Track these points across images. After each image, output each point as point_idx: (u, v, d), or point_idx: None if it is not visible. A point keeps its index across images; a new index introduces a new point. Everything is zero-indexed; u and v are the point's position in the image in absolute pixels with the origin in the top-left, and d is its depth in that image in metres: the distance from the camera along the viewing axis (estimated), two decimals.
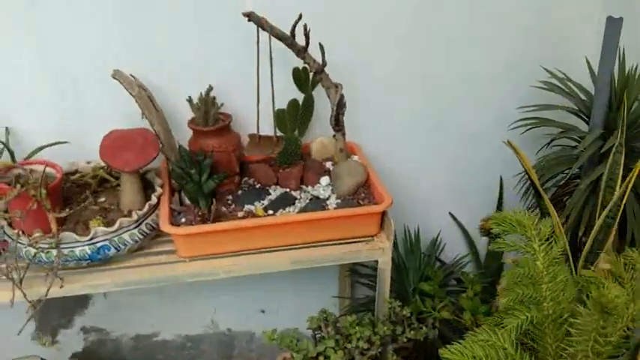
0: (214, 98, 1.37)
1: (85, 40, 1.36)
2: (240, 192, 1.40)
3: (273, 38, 1.24)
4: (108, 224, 1.24)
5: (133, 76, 1.34)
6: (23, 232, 1.16)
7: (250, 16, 1.17)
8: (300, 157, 1.44)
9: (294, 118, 1.43)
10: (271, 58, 1.25)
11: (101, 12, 1.34)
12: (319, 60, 1.28)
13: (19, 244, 1.16)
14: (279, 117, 1.42)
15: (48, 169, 1.21)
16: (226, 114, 1.41)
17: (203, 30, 1.40)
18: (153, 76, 1.41)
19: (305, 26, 1.21)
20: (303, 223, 1.27)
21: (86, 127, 1.45)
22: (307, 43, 1.23)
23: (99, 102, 1.43)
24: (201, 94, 1.37)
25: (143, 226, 1.26)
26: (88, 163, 1.44)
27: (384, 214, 1.31)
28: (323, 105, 1.45)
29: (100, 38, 1.37)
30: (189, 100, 1.37)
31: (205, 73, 1.42)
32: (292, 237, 1.29)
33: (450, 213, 1.77)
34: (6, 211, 1.19)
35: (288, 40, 1.23)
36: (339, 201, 1.35)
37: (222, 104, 1.38)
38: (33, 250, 1.15)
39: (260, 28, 1.20)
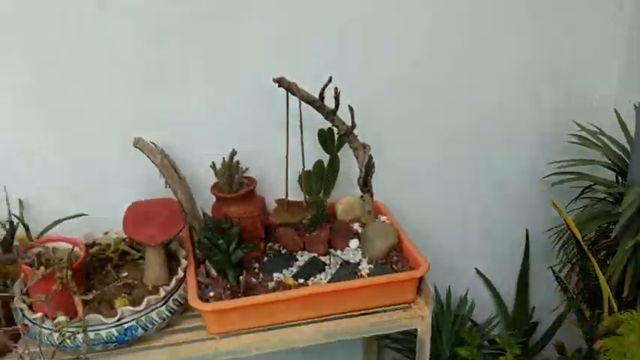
0: (238, 162, 1.33)
1: (102, 107, 1.32)
2: (266, 259, 1.35)
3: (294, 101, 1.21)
4: (134, 302, 1.18)
5: (154, 144, 1.30)
6: (47, 316, 1.09)
7: (281, 82, 1.13)
8: (326, 218, 1.39)
9: (320, 179, 1.38)
10: (301, 124, 1.20)
11: (119, 79, 1.30)
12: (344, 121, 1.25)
13: (43, 329, 1.09)
14: (305, 179, 1.38)
15: (70, 247, 1.15)
16: (251, 178, 1.36)
17: (223, 93, 1.36)
18: (173, 141, 1.36)
19: (336, 89, 1.17)
20: (338, 293, 1.21)
21: (103, 197, 1.39)
22: (337, 105, 1.19)
23: (117, 170, 1.38)
24: (224, 159, 1.32)
25: (171, 303, 1.19)
26: (106, 233, 1.38)
27: (420, 278, 1.26)
28: (347, 164, 1.41)
29: (119, 105, 1.32)
30: (213, 166, 1.32)
31: (226, 137, 1.38)
32: (325, 307, 1.23)
33: (475, 269, 1.71)
34: (25, 293, 1.12)
35: (317, 104, 1.19)
36: (371, 266, 1.30)
37: (246, 168, 1.33)
38: (57, 336, 1.08)
39: (290, 93, 1.15)
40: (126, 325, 1.13)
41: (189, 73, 1.33)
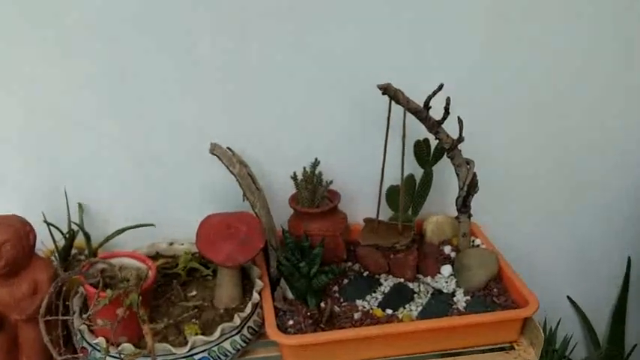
0: (321, 175, 1.18)
1: (173, 109, 1.19)
2: (346, 281, 1.21)
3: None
4: (204, 327, 1.05)
5: (230, 150, 1.16)
6: (108, 341, 0.97)
7: (387, 89, 0.98)
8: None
9: (410, 195, 1.23)
10: (404, 135, 1.05)
11: (194, 84, 1.17)
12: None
13: (109, 359, 0.97)
14: (392, 194, 1.23)
15: (138, 264, 1.03)
16: (334, 192, 1.22)
17: (308, 97, 1.22)
18: (249, 148, 1.23)
19: (448, 99, 1.02)
20: (434, 330, 1.06)
21: (169, 206, 1.27)
22: (446, 116, 1.04)
23: (187, 178, 1.24)
24: (305, 169, 1.18)
25: (245, 331, 1.06)
26: (171, 244, 1.25)
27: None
28: (436, 179, 1.26)
29: (193, 108, 1.19)
30: (294, 177, 1.18)
31: (308, 146, 1.24)
32: (414, 344, 1.08)
33: (567, 297, 1.55)
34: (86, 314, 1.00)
35: (422, 114, 1.04)
36: (468, 298, 1.15)
37: (331, 181, 1.18)
38: None
39: (395, 102, 1.00)
40: (197, 357, 1.00)
41: (271, 71, 1.18)
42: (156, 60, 1.14)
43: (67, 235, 1.16)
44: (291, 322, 1.08)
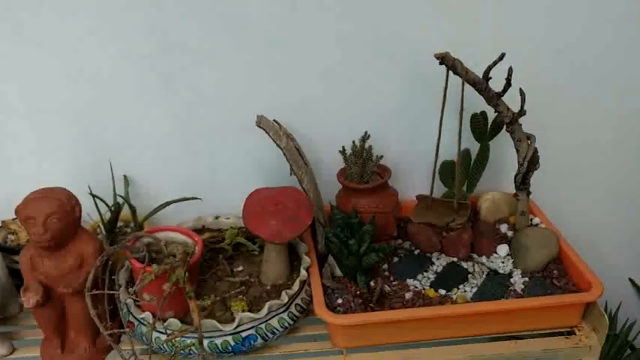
0: (371, 149, 1.13)
1: (220, 81, 1.15)
2: (396, 259, 1.16)
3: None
4: (251, 304, 1.03)
5: (277, 123, 1.12)
6: (155, 316, 0.95)
7: (444, 59, 0.92)
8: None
9: (466, 171, 1.17)
10: (462, 108, 0.99)
11: (241, 53, 1.12)
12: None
13: (155, 333, 0.95)
14: (446, 170, 1.17)
15: (184, 238, 1.01)
16: (384, 167, 1.17)
17: (357, 66, 1.16)
18: (296, 120, 1.18)
19: (510, 69, 0.95)
20: (490, 313, 1.01)
21: (214, 180, 1.24)
22: (506, 88, 0.97)
23: (232, 151, 1.21)
24: (354, 143, 1.13)
25: (293, 308, 1.03)
26: (216, 218, 1.23)
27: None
28: (493, 154, 1.20)
29: (239, 80, 1.15)
30: (343, 152, 1.13)
31: (357, 118, 1.19)
32: (468, 327, 1.04)
33: (629, 279, 1.47)
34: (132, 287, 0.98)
35: (481, 85, 0.97)
36: (526, 279, 1.09)
37: (381, 156, 1.13)
38: (169, 344, 0.94)
39: (452, 72, 0.94)
40: (244, 334, 0.98)
41: (320, 39, 1.13)
42: (202, 28, 1.10)
43: (113, 208, 1.15)
44: (339, 301, 1.04)
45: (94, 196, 1.13)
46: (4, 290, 1.05)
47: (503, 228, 1.20)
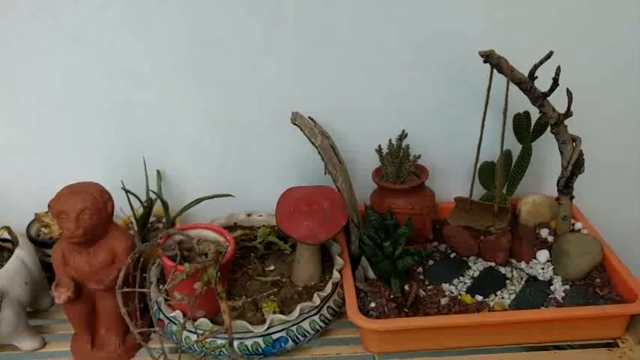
0: (408, 148, 1.10)
1: (255, 76, 1.13)
2: (431, 262, 1.13)
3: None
4: (282, 305, 1.01)
5: (312, 120, 1.09)
6: (185, 315, 0.94)
7: (489, 57, 0.88)
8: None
9: (506, 173, 1.14)
10: (506, 108, 0.95)
11: (277, 49, 1.10)
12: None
13: (185, 333, 0.94)
14: (486, 171, 1.13)
15: (216, 236, 0.99)
16: (422, 167, 1.13)
17: (395, 62, 1.13)
18: (332, 118, 1.15)
19: (558, 69, 0.91)
20: (530, 322, 0.97)
21: (247, 177, 1.22)
22: (553, 88, 0.93)
23: (265, 149, 1.19)
24: (390, 142, 1.10)
25: (325, 311, 1.01)
26: (249, 215, 1.21)
27: None
28: (535, 156, 1.16)
29: (274, 75, 1.12)
30: (379, 150, 1.10)
31: (394, 117, 1.15)
32: (504, 335, 1.00)
33: None
34: (163, 285, 0.97)
35: (527, 85, 0.93)
36: (566, 287, 1.05)
37: (419, 156, 1.10)
38: (199, 344, 0.93)
39: (496, 71, 0.90)
40: (275, 336, 0.96)
41: (358, 36, 1.10)
42: (238, 22, 1.08)
43: (145, 204, 1.14)
44: (373, 305, 1.01)
45: (126, 191, 1.12)
46: (36, 284, 1.05)
47: (544, 233, 1.16)
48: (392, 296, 1.03)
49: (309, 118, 1.10)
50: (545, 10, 1.08)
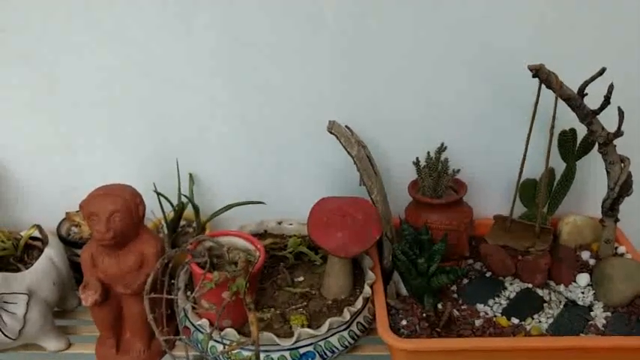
0: (447, 162, 1.07)
1: (292, 83, 1.11)
2: (466, 281, 1.09)
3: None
4: (311, 318, 0.98)
5: (348, 129, 1.07)
6: (212, 324, 0.92)
7: (539, 71, 0.84)
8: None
9: (548, 192, 1.09)
10: (553, 125, 0.91)
11: (315, 54, 1.08)
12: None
13: (211, 342, 0.92)
14: (527, 189, 1.09)
15: (246, 244, 0.97)
16: (460, 182, 1.10)
17: (439, 73, 1.10)
18: (369, 128, 1.13)
19: (611, 86, 0.87)
20: (568, 350, 0.93)
21: (280, 185, 1.20)
22: (604, 106, 0.89)
23: (300, 157, 1.17)
24: (429, 155, 1.07)
25: (354, 327, 0.98)
26: (279, 223, 1.19)
27: None
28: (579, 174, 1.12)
29: (313, 83, 1.10)
30: (416, 163, 1.07)
31: (434, 129, 1.12)
32: None
33: None
34: (191, 293, 0.96)
35: (576, 102, 0.89)
36: (608, 314, 1.01)
37: (458, 170, 1.06)
38: (224, 354, 0.90)
39: (545, 86, 0.87)
40: (302, 350, 0.93)
41: (399, 43, 1.07)
42: (276, 28, 1.06)
43: (177, 207, 1.12)
44: (404, 323, 0.98)
45: (158, 193, 1.11)
46: (64, 284, 1.04)
47: (585, 255, 1.11)
48: (424, 315, 1.00)
49: (346, 127, 1.07)
50: (597, 24, 1.04)
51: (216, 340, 0.93)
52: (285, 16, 1.05)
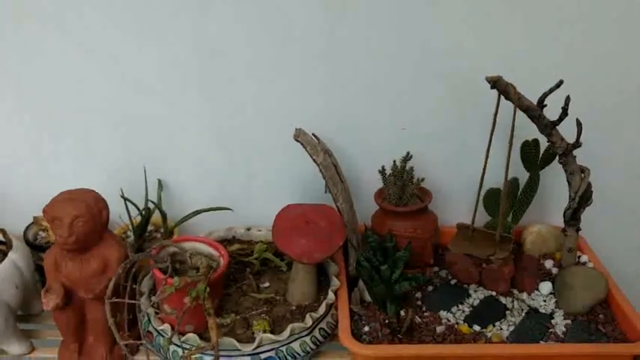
0: (412, 170, 1.08)
1: (262, 94, 1.12)
2: (430, 288, 1.10)
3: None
4: (274, 324, 0.98)
5: (316, 137, 1.08)
6: (174, 329, 0.92)
7: (497, 83, 0.86)
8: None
9: (512, 201, 1.11)
10: (512, 135, 0.93)
11: (285, 66, 1.09)
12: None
13: (173, 347, 0.92)
14: (491, 198, 1.11)
15: (211, 250, 0.98)
16: (425, 190, 1.11)
17: (402, 87, 1.11)
18: (337, 136, 1.14)
19: (567, 98, 0.89)
20: (527, 357, 0.94)
21: (248, 191, 1.20)
22: (562, 117, 0.90)
23: (268, 164, 1.18)
24: (395, 163, 1.08)
25: (317, 332, 0.99)
26: (248, 230, 1.20)
27: None
28: (542, 185, 1.13)
29: (283, 94, 1.11)
30: (382, 171, 1.08)
31: (400, 138, 1.13)
32: None
33: None
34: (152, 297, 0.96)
35: (535, 112, 0.91)
36: (568, 322, 1.02)
37: (422, 178, 1.07)
38: (183, 359, 0.91)
39: (504, 97, 0.88)
40: (263, 356, 0.94)
41: (367, 55, 1.08)
42: (247, 38, 1.07)
43: (144, 212, 1.13)
44: (366, 329, 0.99)
45: (125, 199, 1.11)
46: (28, 288, 1.04)
47: (548, 264, 1.13)
48: (387, 321, 1.00)
49: (313, 135, 1.08)
50: (559, 38, 1.06)
51: (177, 345, 0.93)
52: (256, 26, 1.06)
